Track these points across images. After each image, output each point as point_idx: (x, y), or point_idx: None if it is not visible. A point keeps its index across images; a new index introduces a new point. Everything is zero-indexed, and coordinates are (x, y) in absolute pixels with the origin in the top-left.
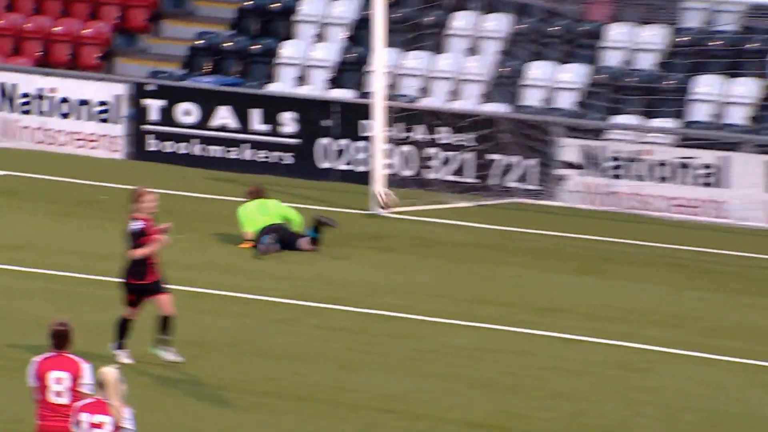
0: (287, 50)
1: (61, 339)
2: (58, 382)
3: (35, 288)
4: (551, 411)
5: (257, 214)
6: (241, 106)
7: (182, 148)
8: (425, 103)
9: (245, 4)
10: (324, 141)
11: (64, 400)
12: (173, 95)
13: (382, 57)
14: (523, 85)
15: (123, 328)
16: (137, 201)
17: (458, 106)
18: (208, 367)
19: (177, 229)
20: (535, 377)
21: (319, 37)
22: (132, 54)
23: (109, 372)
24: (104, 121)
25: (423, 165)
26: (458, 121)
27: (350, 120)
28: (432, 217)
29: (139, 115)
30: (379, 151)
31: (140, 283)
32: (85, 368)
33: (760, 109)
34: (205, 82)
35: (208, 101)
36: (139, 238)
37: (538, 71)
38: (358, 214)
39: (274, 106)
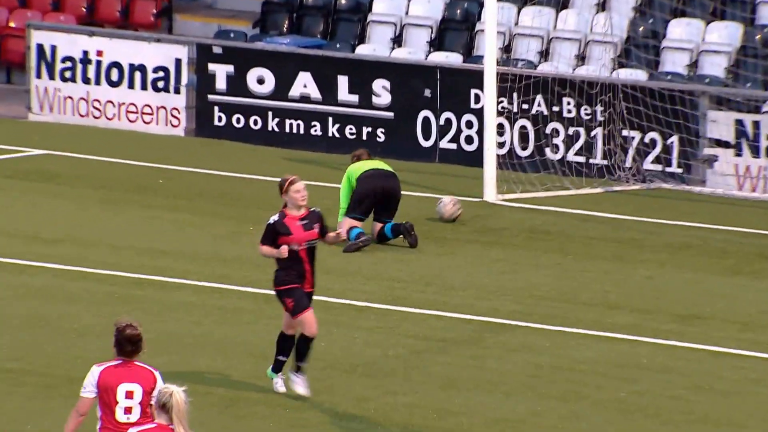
0: (380, 6)
1: (134, 344)
2: (128, 397)
3: (77, 290)
4: None
5: (364, 163)
6: (325, 72)
7: (255, 122)
8: (546, 69)
9: None
10: (424, 114)
11: (134, 418)
12: (244, 59)
13: (493, 14)
14: (663, 48)
15: (281, 344)
16: (283, 191)
17: (585, 72)
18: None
19: (248, 219)
20: (677, 399)
21: None
22: (194, 10)
23: (176, 393)
24: (162, 90)
25: (543, 143)
26: (585, 90)
27: (455, 89)
28: (553, 206)
29: (203, 84)
30: (491, 127)
31: (295, 285)
32: (160, 380)
33: None
34: (282, 44)
35: (285, 67)
36: (273, 233)
37: (680, 32)
38: (466, 202)
39: (364, 72)
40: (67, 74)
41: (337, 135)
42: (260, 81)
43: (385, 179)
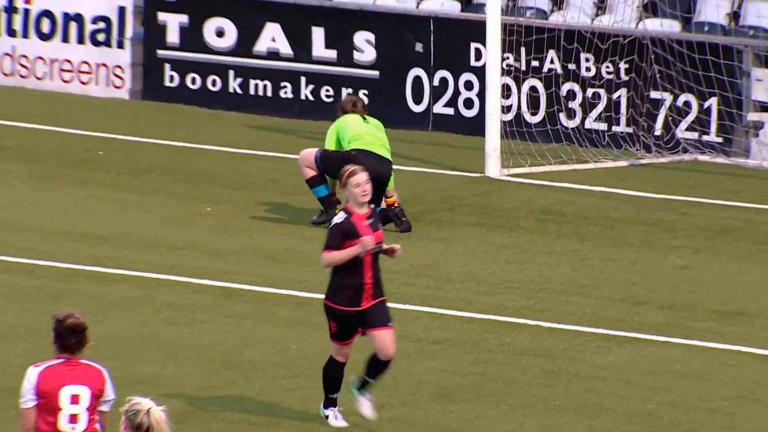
0: None
1: (78, 335)
2: (74, 402)
3: None
4: None
5: (360, 125)
6: (298, 23)
7: (213, 83)
8: (559, 19)
9: None
10: (415, 73)
11: (80, 428)
12: (200, 8)
13: None
14: None
15: (328, 374)
16: (342, 183)
17: (607, 24)
18: (279, 394)
19: (205, 199)
20: (716, 411)
21: None
22: None
23: (154, 410)
24: (102, 44)
25: (556, 108)
26: (606, 45)
27: (452, 44)
28: (568, 182)
29: (151, 37)
30: (494, 89)
31: (342, 309)
32: (109, 381)
33: None
34: None
35: (249, 16)
36: (341, 236)
37: None
38: (465, 177)
39: (344, 23)
40: None
41: (311, 98)
42: (219, 34)
43: (379, 163)
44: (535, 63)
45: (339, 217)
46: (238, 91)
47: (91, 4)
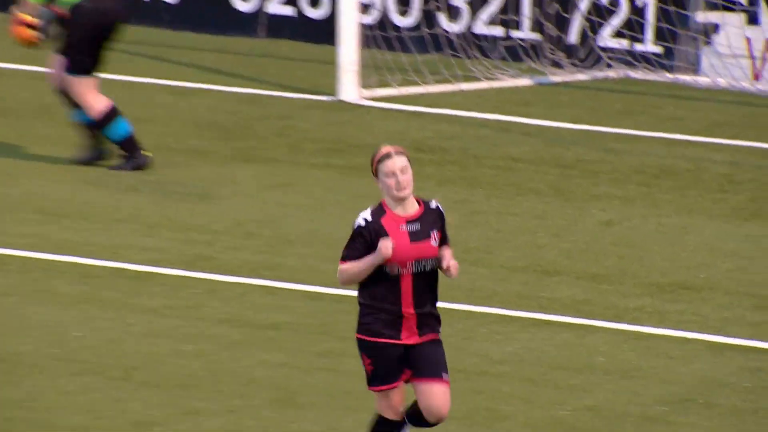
0: None
1: None
2: None
3: None
4: None
5: None
6: None
7: None
8: None
9: None
10: None
11: None
12: None
13: None
14: None
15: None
16: (373, 171)
17: None
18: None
19: None
20: (656, 420)
21: None
22: None
23: None
24: None
25: (434, 4)
26: None
27: None
28: (451, 108)
29: None
30: None
31: (376, 340)
32: None
33: None
34: None
35: None
36: (358, 248)
37: None
38: (310, 101)
39: None
40: None
41: None
42: None
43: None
44: None
45: (364, 216)
46: None
47: None
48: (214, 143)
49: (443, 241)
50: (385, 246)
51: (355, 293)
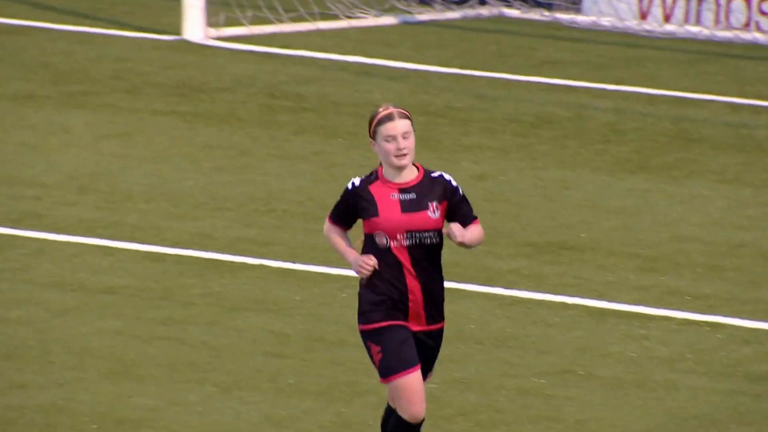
0: None
1: None
2: None
3: None
4: None
5: None
6: None
7: None
8: None
9: None
10: None
11: None
12: None
13: None
14: None
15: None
16: (371, 133)
17: None
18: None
19: None
20: (533, 393)
21: None
22: None
23: None
24: None
25: None
26: None
27: None
28: (307, 49)
29: None
30: None
31: (378, 326)
32: None
33: None
34: None
35: None
36: (349, 209)
37: None
38: (151, 41)
39: None
40: None
41: None
42: None
43: None
44: None
45: (354, 180)
46: None
47: None
48: (44, 87)
49: (455, 216)
50: (364, 262)
51: (202, 253)
